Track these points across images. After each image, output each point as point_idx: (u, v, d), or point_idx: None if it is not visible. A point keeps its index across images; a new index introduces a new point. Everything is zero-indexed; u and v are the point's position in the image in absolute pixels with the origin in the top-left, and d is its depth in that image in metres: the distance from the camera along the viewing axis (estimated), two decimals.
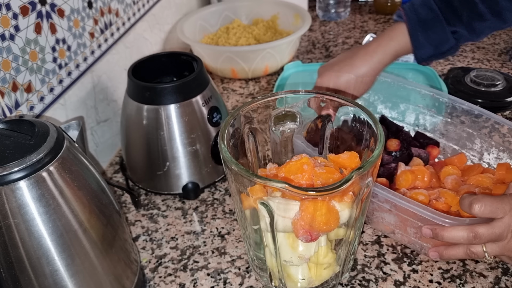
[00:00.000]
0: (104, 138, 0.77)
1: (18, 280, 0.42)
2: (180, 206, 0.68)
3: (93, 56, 0.74)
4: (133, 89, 0.65)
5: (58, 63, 0.65)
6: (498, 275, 0.54)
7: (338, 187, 0.39)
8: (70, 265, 0.43)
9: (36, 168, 0.39)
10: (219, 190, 0.71)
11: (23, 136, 0.42)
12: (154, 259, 0.60)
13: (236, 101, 0.93)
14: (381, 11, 1.29)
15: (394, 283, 0.54)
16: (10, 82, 0.56)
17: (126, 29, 0.85)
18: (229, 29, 1.08)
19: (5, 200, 0.38)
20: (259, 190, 0.44)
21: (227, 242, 0.62)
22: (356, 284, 0.55)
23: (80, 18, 0.70)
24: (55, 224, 0.41)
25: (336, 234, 0.47)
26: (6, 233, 0.39)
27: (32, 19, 0.59)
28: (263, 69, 0.98)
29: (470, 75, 0.88)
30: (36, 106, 0.60)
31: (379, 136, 0.45)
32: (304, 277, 0.49)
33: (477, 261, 0.56)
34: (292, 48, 1.01)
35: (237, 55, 0.94)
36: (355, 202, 0.44)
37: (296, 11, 1.07)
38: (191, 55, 0.69)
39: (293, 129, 0.55)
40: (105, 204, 0.47)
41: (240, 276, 0.57)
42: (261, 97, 0.52)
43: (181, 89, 0.63)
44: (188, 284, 0.56)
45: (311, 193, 0.40)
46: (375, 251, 0.59)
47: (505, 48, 1.06)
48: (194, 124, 0.65)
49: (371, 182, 0.44)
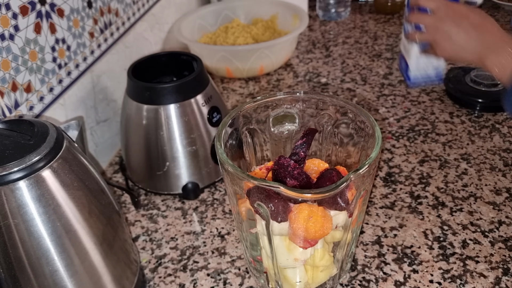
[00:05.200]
0: (103, 138, 0.77)
1: (17, 280, 0.42)
2: (180, 206, 0.68)
3: (92, 56, 0.74)
4: (133, 89, 0.65)
5: (57, 63, 0.65)
6: (499, 275, 0.54)
7: (334, 188, 0.39)
8: (69, 265, 0.43)
9: (35, 168, 0.39)
10: (219, 190, 0.70)
11: (23, 136, 0.42)
12: (154, 259, 0.60)
13: (236, 101, 0.93)
14: (381, 11, 1.29)
15: (394, 283, 0.54)
16: (9, 82, 0.56)
17: (126, 29, 0.85)
18: (228, 28, 1.08)
19: (4, 200, 0.38)
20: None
21: (227, 242, 0.62)
22: (356, 284, 0.55)
23: (80, 18, 0.70)
24: (55, 224, 0.41)
25: (332, 237, 0.47)
26: (6, 233, 0.39)
27: (32, 19, 0.59)
28: (258, 69, 0.98)
29: (470, 75, 0.87)
30: (35, 106, 0.60)
31: (376, 138, 0.45)
32: (300, 279, 0.49)
33: (478, 261, 0.56)
34: (289, 48, 1.01)
35: (231, 54, 0.94)
36: (351, 204, 0.44)
37: (294, 11, 1.07)
38: (191, 55, 0.69)
39: (292, 130, 0.55)
40: (105, 204, 0.47)
41: (240, 276, 0.57)
42: (260, 97, 0.52)
43: (181, 89, 0.63)
44: (188, 284, 0.56)
45: (307, 195, 0.40)
46: (375, 251, 0.59)
47: None
48: (194, 124, 0.65)
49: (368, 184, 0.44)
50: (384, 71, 0.99)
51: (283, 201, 0.42)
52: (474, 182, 0.68)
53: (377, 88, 0.93)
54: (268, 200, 0.42)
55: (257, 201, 0.43)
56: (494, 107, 0.83)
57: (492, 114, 0.83)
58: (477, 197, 0.66)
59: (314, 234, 0.43)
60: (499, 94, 0.83)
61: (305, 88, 0.95)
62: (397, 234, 0.61)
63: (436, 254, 0.58)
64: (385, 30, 1.19)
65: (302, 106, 0.54)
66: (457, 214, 0.63)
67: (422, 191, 0.67)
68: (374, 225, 0.62)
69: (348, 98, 0.91)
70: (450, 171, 0.71)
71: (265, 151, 0.57)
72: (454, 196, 0.66)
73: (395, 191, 0.68)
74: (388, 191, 0.68)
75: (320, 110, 0.54)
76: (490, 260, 0.56)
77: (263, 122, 0.54)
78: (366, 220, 0.63)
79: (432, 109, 0.86)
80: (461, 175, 0.70)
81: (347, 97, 0.92)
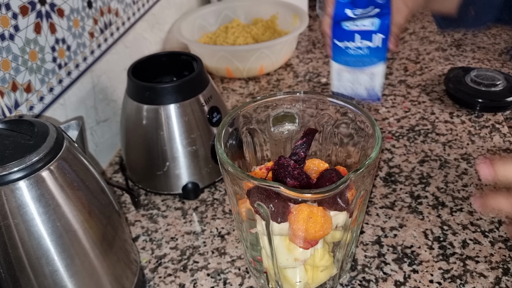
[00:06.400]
0: (103, 138, 0.77)
1: (17, 280, 0.42)
2: (180, 206, 0.68)
3: (92, 56, 0.74)
4: (133, 89, 0.65)
5: (57, 63, 0.65)
6: (499, 275, 0.54)
7: (334, 189, 0.39)
8: (69, 265, 0.43)
9: (35, 168, 0.39)
10: (219, 190, 0.70)
11: (23, 136, 0.42)
12: (154, 259, 0.60)
13: (236, 101, 0.93)
14: None
15: (394, 283, 0.54)
16: (9, 82, 0.56)
17: (126, 29, 0.85)
18: (228, 28, 1.08)
19: (4, 200, 0.38)
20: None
21: (227, 242, 0.62)
22: (356, 284, 0.55)
23: (80, 18, 0.70)
24: (55, 224, 0.41)
25: (332, 237, 0.47)
26: (6, 233, 0.39)
27: (32, 19, 0.59)
28: (258, 69, 0.98)
29: (470, 75, 0.87)
30: (35, 106, 0.60)
31: (376, 138, 0.45)
32: (300, 279, 0.49)
33: (478, 261, 0.56)
34: (288, 48, 1.01)
35: (231, 54, 0.94)
36: (351, 204, 0.44)
37: (294, 11, 1.07)
38: (191, 55, 0.69)
39: (292, 130, 0.55)
40: (105, 204, 0.47)
41: (240, 276, 0.57)
42: (260, 97, 0.52)
43: (181, 89, 0.63)
44: (188, 284, 0.56)
45: (307, 195, 0.40)
46: (375, 251, 0.59)
47: (506, 48, 1.06)
48: (194, 124, 0.65)
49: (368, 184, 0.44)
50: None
51: (283, 201, 0.42)
52: (474, 182, 0.68)
53: None
54: (268, 200, 0.42)
55: (257, 201, 0.43)
56: (494, 107, 0.83)
57: (492, 114, 0.83)
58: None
59: (314, 235, 0.43)
60: (499, 94, 0.83)
61: (305, 88, 0.95)
62: (397, 234, 0.61)
63: (436, 254, 0.58)
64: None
65: (302, 106, 0.54)
66: (457, 214, 0.63)
67: (422, 191, 0.67)
68: (374, 225, 0.62)
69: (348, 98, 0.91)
70: (450, 171, 0.71)
71: (265, 151, 0.57)
72: (454, 196, 0.66)
73: (395, 191, 0.68)
74: (388, 191, 0.68)
75: (320, 110, 0.54)
76: (490, 260, 0.56)
77: (263, 122, 0.54)
78: (366, 220, 0.63)
79: (432, 109, 0.86)
80: (461, 175, 0.70)
81: (347, 97, 0.91)
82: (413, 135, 0.79)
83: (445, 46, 1.09)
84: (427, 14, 1.27)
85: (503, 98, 0.82)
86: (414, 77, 0.97)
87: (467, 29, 0.59)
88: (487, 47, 1.07)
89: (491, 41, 1.10)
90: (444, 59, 1.03)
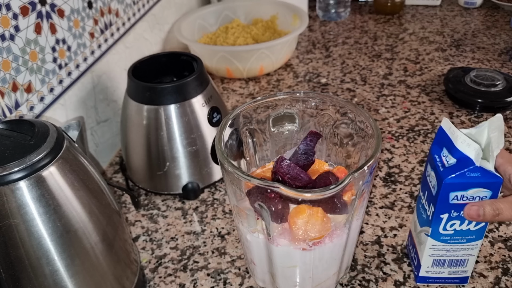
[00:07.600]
0: (104, 138, 0.77)
1: (18, 280, 0.42)
2: (180, 206, 0.68)
3: (93, 56, 0.74)
4: (133, 89, 0.65)
5: (58, 63, 0.65)
6: (498, 275, 0.54)
7: (334, 188, 0.39)
8: (70, 265, 0.43)
9: (36, 168, 0.39)
10: (219, 190, 0.71)
11: (23, 136, 0.42)
12: (154, 259, 0.60)
13: (236, 101, 0.93)
14: (381, 11, 1.29)
15: (394, 283, 0.54)
16: (10, 82, 0.56)
17: (126, 29, 0.85)
18: (228, 28, 1.08)
19: (5, 200, 0.38)
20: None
21: (227, 242, 0.62)
22: (356, 284, 0.55)
23: (80, 18, 0.70)
24: (55, 224, 0.41)
25: None
26: (6, 234, 0.39)
27: (32, 19, 0.59)
28: (258, 69, 0.98)
29: (470, 75, 0.88)
30: (36, 106, 0.61)
31: (376, 138, 0.45)
32: (301, 279, 0.49)
33: (477, 261, 0.56)
34: (288, 49, 1.01)
35: (231, 54, 0.94)
36: (351, 205, 0.44)
37: (294, 11, 1.07)
38: (191, 55, 0.69)
39: (292, 130, 0.55)
40: (105, 204, 0.47)
41: (240, 276, 0.57)
42: (260, 97, 0.52)
43: (181, 89, 0.63)
44: (188, 284, 0.56)
45: (307, 195, 0.40)
46: (375, 251, 0.59)
47: (505, 48, 1.06)
48: (194, 124, 0.65)
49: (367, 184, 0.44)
50: (384, 71, 1.00)
51: (283, 202, 0.42)
52: None
53: (377, 88, 0.94)
54: (268, 200, 0.42)
55: (257, 201, 0.43)
56: (494, 107, 0.83)
57: (492, 114, 0.83)
58: None
59: (314, 235, 0.43)
60: (499, 94, 0.83)
61: (305, 88, 0.95)
62: (397, 234, 0.61)
63: None
64: (384, 30, 1.20)
65: (302, 106, 0.54)
66: None
67: None
68: (374, 225, 0.62)
69: (348, 98, 0.91)
70: None
71: (265, 151, 0.57)
72: None
73: (395, 191, 0.68)
74: (388, 191, 0.68)
75: (320, 110, 0.54)
76: (490, 260, 0.56)
77: (263, 122, 0.54)
78: (366, 220, 0.63)
79: (432, 109, 0.86)
80: None
81: (347, 97, 0.92)
82: (413, 135, 0.79)
83: (444, 47, 1.09)
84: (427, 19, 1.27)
85: (503, 98, 0.83)
86: (414, 77, 0.97)
87: None
88: (487, 47, 1.07)
89: (491, 41, 1.10)
90: (444, 59, 1.03)
